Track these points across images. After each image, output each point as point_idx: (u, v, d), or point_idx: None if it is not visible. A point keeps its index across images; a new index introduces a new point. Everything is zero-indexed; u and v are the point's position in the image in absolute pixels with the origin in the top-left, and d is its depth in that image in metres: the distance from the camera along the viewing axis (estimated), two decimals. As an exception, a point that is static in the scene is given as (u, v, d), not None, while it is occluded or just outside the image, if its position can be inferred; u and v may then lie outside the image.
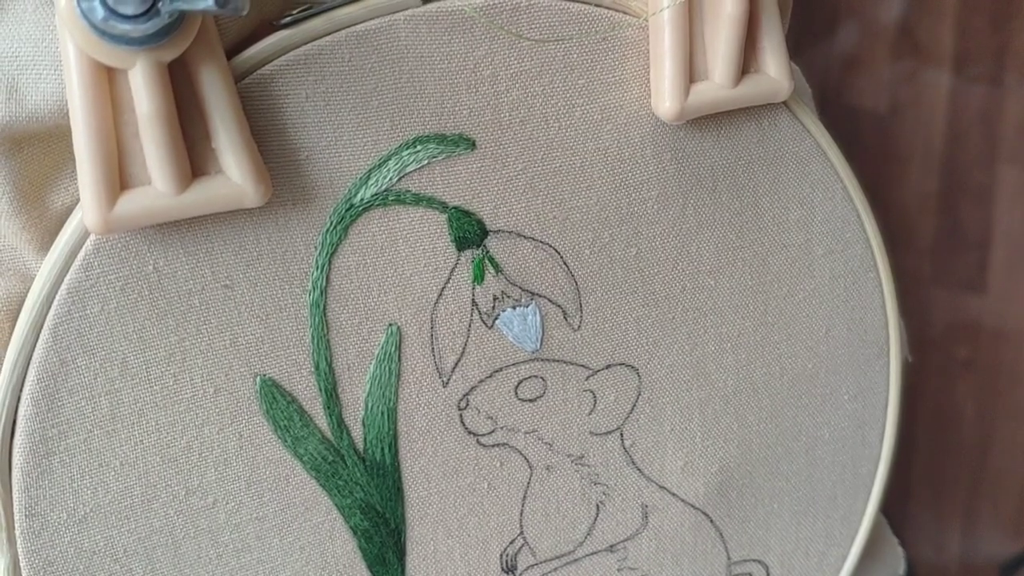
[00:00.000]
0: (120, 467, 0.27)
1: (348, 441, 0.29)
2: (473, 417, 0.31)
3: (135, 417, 0.27)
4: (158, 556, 0.28)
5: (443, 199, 0.29)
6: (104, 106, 0.23)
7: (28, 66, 0.24)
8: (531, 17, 0.28)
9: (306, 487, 0.29)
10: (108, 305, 0.26)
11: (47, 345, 0.26)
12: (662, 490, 0.34)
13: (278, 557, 0.30)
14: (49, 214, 0.26)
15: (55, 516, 0.27)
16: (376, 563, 0.31)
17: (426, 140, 0.28)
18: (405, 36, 0.27)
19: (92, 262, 0.26)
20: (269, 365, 0.28)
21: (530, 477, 0.32)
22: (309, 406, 0.29)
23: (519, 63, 0.28)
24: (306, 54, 0.26)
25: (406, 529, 0.31)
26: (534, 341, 0.31)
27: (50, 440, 0.26)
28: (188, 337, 0.27)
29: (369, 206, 0.28)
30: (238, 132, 0.25)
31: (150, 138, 0.23)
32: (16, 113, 0.24)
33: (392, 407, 0.30)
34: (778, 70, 0.30)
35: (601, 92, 0.30)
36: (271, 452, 0.29)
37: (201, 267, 0.27)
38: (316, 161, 0.27)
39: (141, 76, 0.23)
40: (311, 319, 0.28)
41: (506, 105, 0.29)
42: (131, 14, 0.22)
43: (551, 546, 0.33)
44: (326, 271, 0.28)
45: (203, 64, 0.24)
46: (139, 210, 0.24)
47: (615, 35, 0.29)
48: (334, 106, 0.27)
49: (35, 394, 0.26)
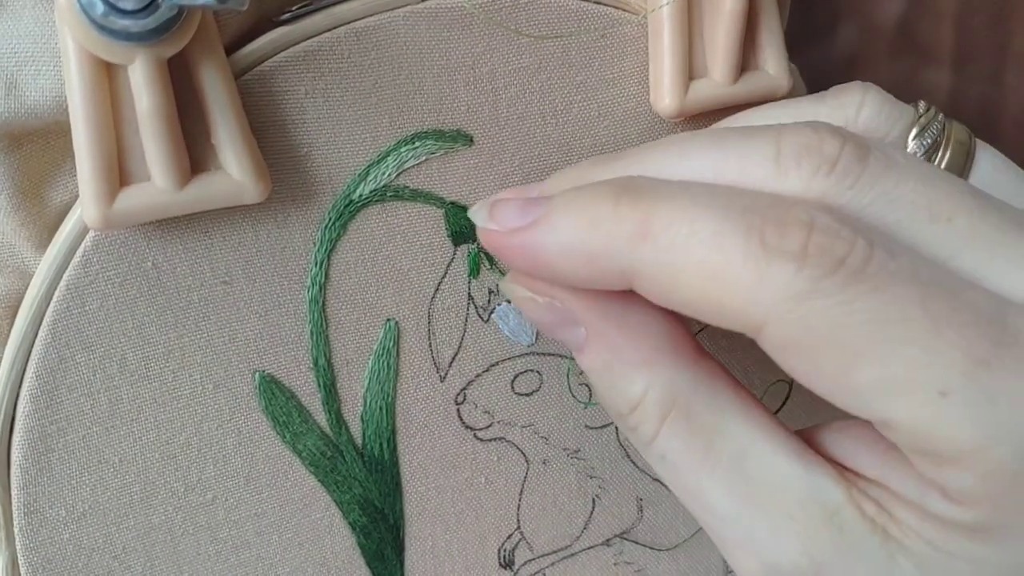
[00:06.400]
0: (119, 464, 0.27)
1: (347, 437, 0.29)
2: (470, 412, 0.31)
3: (134, 414, 0.27)
4: (157, 553, 0.28)
5: (440, 194, 0.29)
6: (103, 102, 0.23)
7: (27, 62, 0.24)
8: (530, 13, 0.28)
9: (305, 483, 0.29)
10: (107, 302, 0.26)
11: (46, 342, 0.26)
12: (656, 483, 0.34)
13: (277, 553, 0.30)
14: (48, 211, 0.26)
15: (54, 513, 0.27)
16: (375, 559, 0.31)
17: (424, 136, 0.28)
18: (404, 32, 0.27)
19: (91, 258, 0.26)
20: (268, 361, 0.28)
21: (527, 471, 0.32)
22: (308, 402, 0.29)
23: (517, 59, 0.28)
24: (305, 50, 0.26)
25: (404, 525, 0.31)
26: (530, 335, 0.31)
27: (49, 437, 0.26)
28: (187, 333, 0.27)
29: (368, 202, 0.28)
30: (238, 128, 0.25)
31: (150, 134, 0.23)
32: (15, 109, 0.24)
33: (390, 402, 0.30)
34: (777, 68, 0.30)
35: (599, 89, 0.30)
36: (270, 448, 0.29)
37: (200, 263, 0.27)
38: (315, 157, 0.27)
39: (141, 72, 0.23)
40: (310, 315, 0.28)
41: (504, 101, 0.29)
42: (131, 9, 0.22)
43: (548, 540, 0.33)
44: (325, 267, 0.28)
45: (203, 60, 0.24)
46: (138, 206, 0.24)
47: (614, 32, 0.29)
48: (333, 102, 0.27)
49: (34, 391, 0.26)
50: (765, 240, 0.19)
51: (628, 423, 0.23)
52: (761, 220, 0.20)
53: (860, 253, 0.19)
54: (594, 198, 0.22)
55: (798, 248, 0.19)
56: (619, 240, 0.21)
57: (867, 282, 0.19)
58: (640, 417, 0.23)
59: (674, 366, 0.23)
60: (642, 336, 0.23)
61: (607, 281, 0.22)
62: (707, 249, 0.20)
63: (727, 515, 0.22)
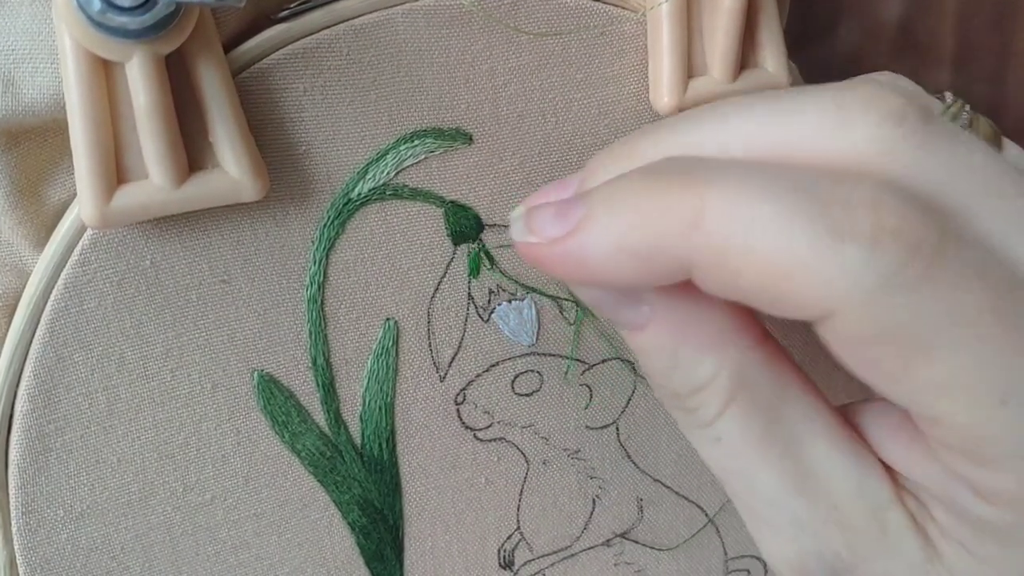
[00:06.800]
0: (117, 463, 0.27)
1: (346, 436, 0.29)
2: (470, 412, 0.31)
3: (132, 413, 0.27)
4: (156, 553, 0.28)
5: (440, 193, 0.29)
6: (101, 99, 0.23)
7: (24, 60, 0.24)
8: (529, 11, 0.28)
9: (304, 483, 0.29)
10: (105, 300, 0.26)
11: (44, 341, 0.26)
12: (656, 483, 0.34)
13: (276, 554, 0.30)
14: (45, 209, 0.26)
15: (52, 513, 0.27)
16: (374, 559, 0.31)
17: (423, 134, 0.28)
18: (403, 30, 0.27)
19: (89, 257, 0.25)
20: (267, 360, 0.28)
21: (527, 472, 0.32)
22: (307, 401, 0.29)
23: (517, 57, 0.28)
24: (304, 48, 0.26)
25: (404, 525, 0.31)
26: (530, 335, 0.31)
27: (47, 436, 0.26)
28: (185, 332, 0.27)
29: (367, 201, 0.28)
30: (236, 126, 0.25)
31: (147, 131, 0.23)
32: (12, 107, 0.24)
33: (390, 402, 0.30)
34: (776, 65, 0.30)
35: (599, 87, 0.29)
36: (269, 448, 0.29)
37: (198, 262, 0.27)
38: (314, 155, 0.27)
39: (138, 69, 0.23)
40: (308, 314, 0.28)
41: (504, 99, 0.29)
42: (128, 6, 0.22)
43: (548, 541, 0.33)
44: (324, 266, 0.28)
45: (201, 57, 0.24)
46: (136, 204, 0.24)
47: (613, 29, 0.29)
48: (332, 100, 0.27)
49: (32, 390, 0.26)
50: (833, 222, 0.18)
51: (687, 404, 0.22)
52: (826, 200, 0.18)
53: (933, 239, 0.18)
54: (636, 190, 0.20)
55: (869, 232, 0.18)
56: (671, 234, 0.19)
57: (941, 275, 0.18)
58: (703, 399, 0.22)
59: (744, 349, 0.21)
60: (710, 317, 0.21)
61: (661, 278, 0.20)
62: (771, 235, 0.18)
63: (774, 500, 0.21)
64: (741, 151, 0.21)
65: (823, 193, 0.18)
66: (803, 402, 0.22)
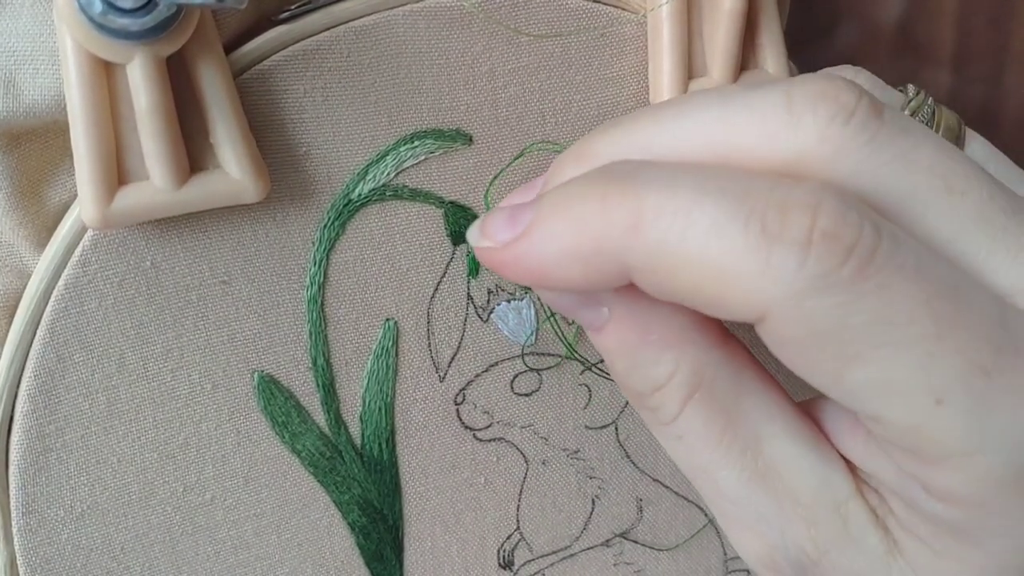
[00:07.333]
0: (117, 464, 0.27)
1: (346, 437, 0.29)
2: (470, 412, 0.31)
3: (132, 413, 0.27)
4: (156, 553, 0.28)
5: (440, 194, 0.29)
6: (102, 101, 0.23)
7: (25, 61, 0.24)
8: (529, 12, 0.28)
9: (304, 483, 0.29)
10: (105, 301, 0.26)
11: (44, 341, 0.26)
12: (656, 483, 0.34)
13: (276, 554, 0.30)
14: (46, 210, 0.26)
15: (52, 513, 0.27)
16: (374, 559, 0.31)
17: (423, 135, 0.28)
18: (403, 31, 0.27)
19: (90, 258, 0.26)
20: (267, 361, 0.28)
21: (526, 472, 0.32)
22: (307, 402, 0.29)
23: (517, 59, 0.28)
24: (304, 49, 0.26)
25: (404, 525, 0.31)
26: (529, 335, 0.31)
27: (47, 437, 0.26)
28: (185, 333, 0.27)
29: (367, 202, 0.28)
30: (236, 127, 0.25)
31: (148, 133, 0.23)
32: (13, 108, 0.24)
33: (389, 402, 0.30)
34: (776, 66, 0.30)
35: (599, 88, 0.30)
36: (269, 448, 0.29)
37: (199, 263, 0.27)
38: (314, 157, 0.27)
39: (139, 71, 0.23)
40: (309, 315, 0.28)
41: (503, 100, 0.29)
42: (129, 8, 0.22)
43: (548, 541, 0.33)
44: (324, 267, 0.28)
45: (201, 59, 0.24)
46: (137, 205, 0.24)
47: (613, 31, 0.29)
48: (332, 101, 0.27)
49: (32, 390, 0.26)
50: (766, 227, 0.18)
51: (648, 403, 0.22)
52: (762, 204, 0.18)
53: (867, 242, 0.18)
54: (579, 195, 0.20)
55: (802, 235, 0.18)
56: (610, 237, 0.19)
57: (873, 278, 0.18)
58: (663, 398, 0.22)
59: (702, 347, 0.22)
60: (668, 317, 0.22)
61: (607, 281, 0.20)
62: (704, 239, 0.18)
63: (738, 496, 0.22)
64: (692, 152, 0.21)
65: (759, 196, 0.18)
66: (764, 399, 0.22)
